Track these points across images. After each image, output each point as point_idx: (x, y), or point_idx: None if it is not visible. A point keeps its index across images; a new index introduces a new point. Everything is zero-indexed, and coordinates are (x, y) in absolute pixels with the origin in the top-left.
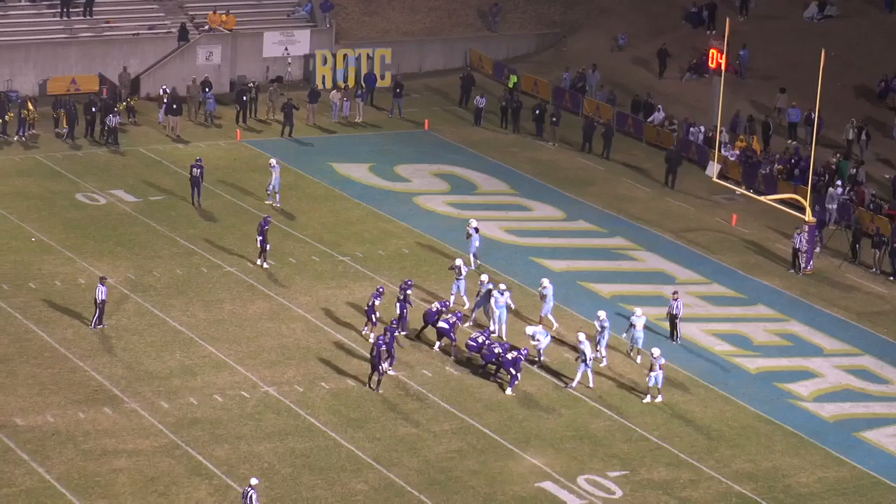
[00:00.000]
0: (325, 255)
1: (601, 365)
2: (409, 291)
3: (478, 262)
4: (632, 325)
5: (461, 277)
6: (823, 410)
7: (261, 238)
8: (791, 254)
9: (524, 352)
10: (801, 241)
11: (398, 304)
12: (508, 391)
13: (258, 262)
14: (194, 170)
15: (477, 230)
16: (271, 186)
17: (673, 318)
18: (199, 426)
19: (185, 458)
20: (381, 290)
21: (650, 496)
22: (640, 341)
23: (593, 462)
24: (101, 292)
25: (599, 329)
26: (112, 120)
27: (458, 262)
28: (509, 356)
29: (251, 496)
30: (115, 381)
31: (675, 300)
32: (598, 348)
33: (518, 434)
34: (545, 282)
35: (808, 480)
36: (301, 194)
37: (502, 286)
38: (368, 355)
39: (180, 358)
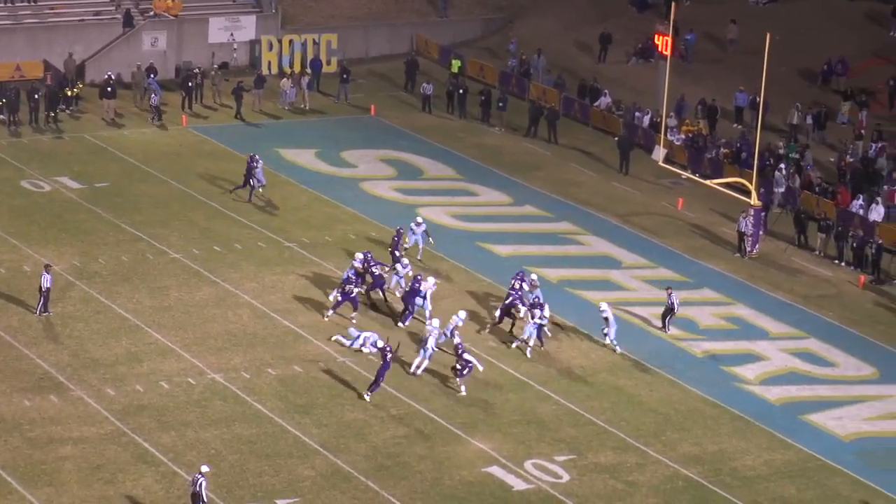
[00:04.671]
0: (272, 242)
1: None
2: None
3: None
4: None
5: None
6: (769, 393)
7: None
8: (737, 237)
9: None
10: (746, 224)
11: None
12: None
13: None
14: (252, 164)
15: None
16: (258, 182)
17: (669, 311)
18: (145, 413)
19: (131, 445)
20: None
21: (597, 480)
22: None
23: (540, 446)
24: (45, 280)
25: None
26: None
27: (533, 276)
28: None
29: (201, 483)
30: (60, 369)
31: (670, 294)
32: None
33: (465, 419)
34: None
35: (754, 463)
36: None
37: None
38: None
39: (126, 345)
